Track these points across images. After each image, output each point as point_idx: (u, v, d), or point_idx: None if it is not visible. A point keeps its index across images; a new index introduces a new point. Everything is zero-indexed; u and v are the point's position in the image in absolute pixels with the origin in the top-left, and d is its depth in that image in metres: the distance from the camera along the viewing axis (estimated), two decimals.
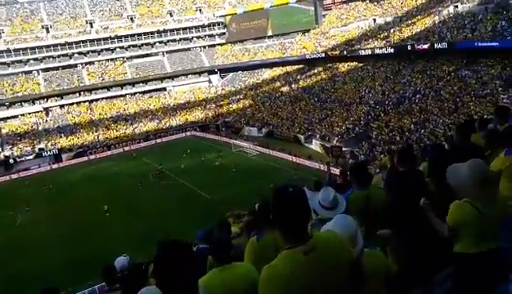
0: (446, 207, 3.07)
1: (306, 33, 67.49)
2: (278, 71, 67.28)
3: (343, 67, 56.33)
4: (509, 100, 32.26)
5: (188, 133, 62.83)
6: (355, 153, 38.53)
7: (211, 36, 78.52)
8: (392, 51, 48.95)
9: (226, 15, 76.59)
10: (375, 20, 57.32)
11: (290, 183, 2.29)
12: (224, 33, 77.94)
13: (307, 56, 61.93)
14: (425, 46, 44.73)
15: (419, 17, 50.46)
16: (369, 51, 51.92)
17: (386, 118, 41.06)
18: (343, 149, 40.60)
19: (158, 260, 2.75)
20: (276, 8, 70.41)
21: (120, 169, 48.10)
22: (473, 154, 3.26)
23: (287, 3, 69.00)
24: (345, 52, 55.48)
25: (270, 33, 72.45)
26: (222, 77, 75.70)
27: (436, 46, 43.29)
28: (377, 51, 50.69)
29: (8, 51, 65.57)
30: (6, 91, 64.14)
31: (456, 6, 46.53)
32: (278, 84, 64.26)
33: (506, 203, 3.07)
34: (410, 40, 47.74)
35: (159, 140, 60.92)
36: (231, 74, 74.68)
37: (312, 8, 67.08)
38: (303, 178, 33.01)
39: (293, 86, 61.15)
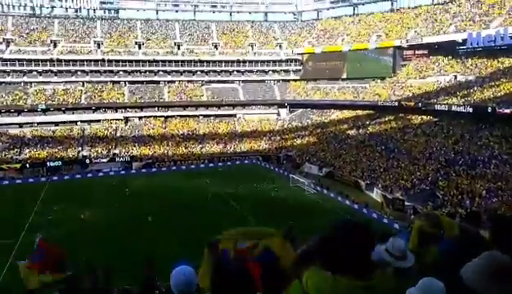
0: None
1: (381, 81, 64.37)
2: (347, 114, 64.48)
3: (416, 119, 52.36)
4: None
5: (250, 161, 61.57)
6: (418, 210, 34.74)
7: (286, 71, 77.85)
8: (470, 110, 44.66)
9: (304, 53, 75.62)
10: (455, 76, 52.96)
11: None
12: (299, 70, 76.87)
13: (380, 103, 58.72)
14: (508, 111, 40.28)
15: (504, 80, 45.78)
16: (445, 107, 47.87)
17: (457, 179, 36.90)
18: (406, 203, 36.99)
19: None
20: (354, 52, 68.27)
21: (181, 185, 47.22)
22: None
23: (365, 49, 66.70)
24: (420, 104, 51.66)
25: (344, 76, 70.14)
26: (291, 112, 74.34)
27: None
28: (454, 108, 46.54)
29: (103, 60, 68.91)
30: (95, 96, 67.50)
31: None
32: (346, 126, 61.44)
33: None
34: (491, 102, 43.36)
35: (221, 163, 60.23)
36: (300, 110, 73.12)
37: (391, 58, 64.02)
38: None
39: (361, 130, 58.01)
